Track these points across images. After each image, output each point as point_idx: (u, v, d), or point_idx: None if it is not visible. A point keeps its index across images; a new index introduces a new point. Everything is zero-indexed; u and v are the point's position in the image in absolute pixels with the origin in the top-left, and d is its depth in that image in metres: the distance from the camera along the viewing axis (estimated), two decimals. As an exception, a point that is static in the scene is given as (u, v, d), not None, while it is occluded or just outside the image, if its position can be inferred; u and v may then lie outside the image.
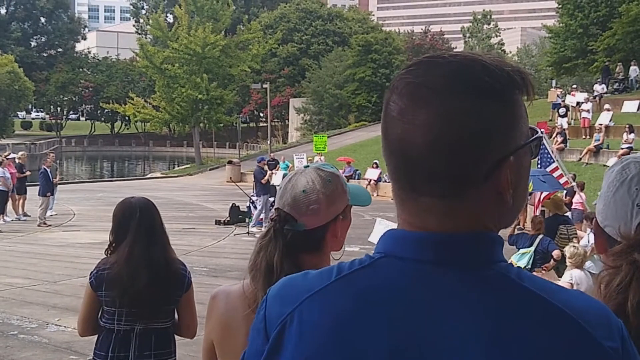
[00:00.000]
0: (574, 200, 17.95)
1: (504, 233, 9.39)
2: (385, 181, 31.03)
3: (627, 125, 26.49)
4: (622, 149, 25.87)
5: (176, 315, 4.20)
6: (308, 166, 2.27)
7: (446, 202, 1.16)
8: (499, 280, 1.14)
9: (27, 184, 22.82)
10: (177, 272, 4.09)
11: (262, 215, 20.69)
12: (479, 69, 1.16)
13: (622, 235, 1.50)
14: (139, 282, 3.95)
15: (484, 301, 1.12)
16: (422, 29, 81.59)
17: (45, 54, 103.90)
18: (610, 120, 29.80)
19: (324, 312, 1.17)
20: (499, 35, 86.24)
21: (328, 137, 47.60)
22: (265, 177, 20.73)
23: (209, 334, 2.30)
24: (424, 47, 75.10)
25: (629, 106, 33.42)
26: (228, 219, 21.52)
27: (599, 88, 36.32)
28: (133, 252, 4.01)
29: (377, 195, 29.62)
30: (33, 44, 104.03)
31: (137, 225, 4.04)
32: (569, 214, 12.14)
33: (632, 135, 26.03)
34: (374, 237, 9.93)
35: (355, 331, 1.14)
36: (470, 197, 1.17)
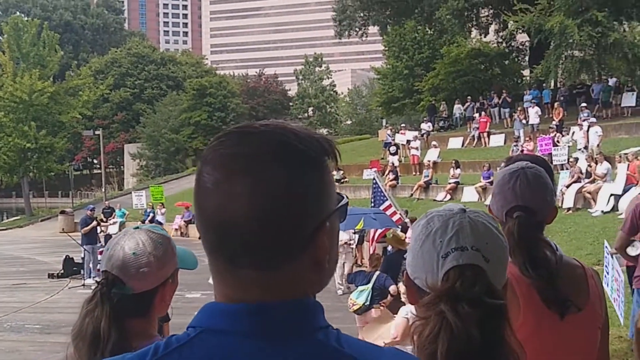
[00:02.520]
0: (407, 235, 18.69)
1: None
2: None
3: (454, 161, 27.91)
4: (449, 183, 27.23)
5: None
6: (138, 227, 2.21)
7: (263, 274, 1.16)
8: (321, 347, 1.15)
9: None
10: None
11: (98, 266, 20.15)
12: (292, 138, 1.18)
13: (430, 286, 1.54)
14: None
15: None
16: (256, 72, 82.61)
17: None
18: (437, 157, 31.36)
19: None
20: (331, 77, 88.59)
21: (165, 182, 47.23)
22: (87, 227, 20.14)
23: None
24: (258, 89, 76.04)
25: (454, 143, 35.24)
26: (62, 271, 20.76)
27: (425, 126, 38.01)
28: None
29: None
30: None
31: None
32: (408, 248, 12.72)
33: (458, 170, 27.45)
34: None
35: None
36: (287, 267, 1.17)
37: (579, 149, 23.93)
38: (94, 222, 20.61)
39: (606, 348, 2.46)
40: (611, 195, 18.40)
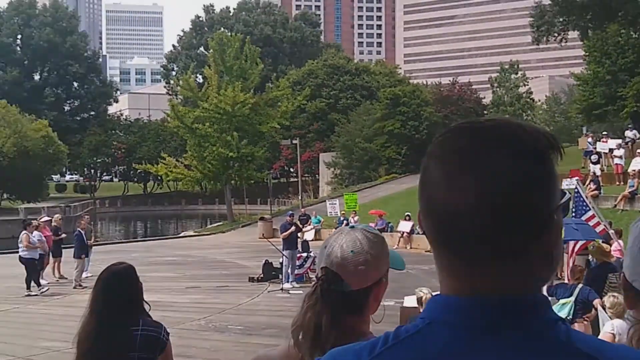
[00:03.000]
0: (612, 248, 17.70)
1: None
2: (418, 233, 30.85)
3: (660, 169, 26.24)
4: (655, 192, 25.60)
5: None
6: (354, 226, 2.25)
7: (494, 267, 1.16)
8: (553, 343, 1.14)
9: (62, 246, 23.02)
10: (147, 336, 4.19)
11: (297, 271, 20.70)
12: (519, 131, 1.18)
13: None
14: (90, 351, 4.14)
15: None
16: (449, 81, 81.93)
17: (78, 118, 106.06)
18: (642, 165, 29.54)
19: None
20: (527, 84, 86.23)
21: (359, 190, 47.81)
22: (286, 233, 20.69)
23: None
24: (452, 98, 75.27)
25: (663, 149, 33.10)
26: (261, 275, 21.49)
27: (630, 134, 36.07)
28: (90, 321, 4.21)
29: (410, 248, 29.48)
30: (66, 108, 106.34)
31: (99, 295, 4.24)
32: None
33: (664, 179, 25.76)
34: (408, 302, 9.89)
35: None
36: (518, 260, 1.17)
37: None
38: (293, 228, 21.15)
39: None
40: None
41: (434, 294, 7.42)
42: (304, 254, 21.48)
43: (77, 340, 4.25)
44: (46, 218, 23.69)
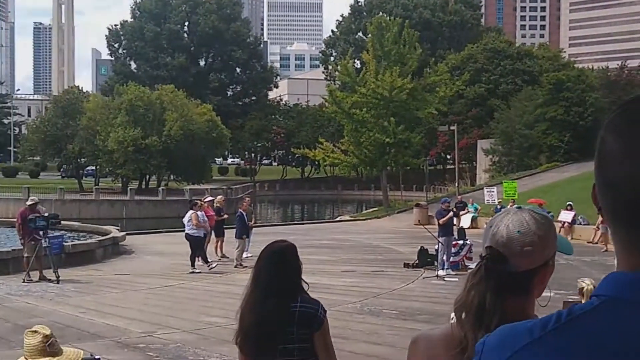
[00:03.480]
0: None
1: None
2: (580, 224, 29.73)
3: None
4: None
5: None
6: (521, 207, 2.20)
7: None
8: None
9: (225, 226, 23.88)
10: (303, 313, 4.27)
11: (452, 258, 20.46)
12: None
13: None
14: (251, 324, 4.28)
15: None
16: (617, 65, 78.09)
17: (240, 103, 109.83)
18: None
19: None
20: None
21: (518, 178, 46.57)
22: (445, 218, 20.40)
23: None
24: (620, 83, 71.76)
25: None
26: (417, 262, 21.40)
27: None
28: (249, 296, 4.36)
29: (572, 239, 28.41)
30: (229, 93, 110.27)
31: (259, 272, 4.37)
32: None
33: None
34: None
35: None
36: None
37: None
38: (451, 213, 20.90)
39: None
40: None
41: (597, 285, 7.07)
42: (460, 242, 21.19)
43: (239, 313, 4.41)
44: (209, 199, 24.61)
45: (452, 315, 6.25)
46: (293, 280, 4.41)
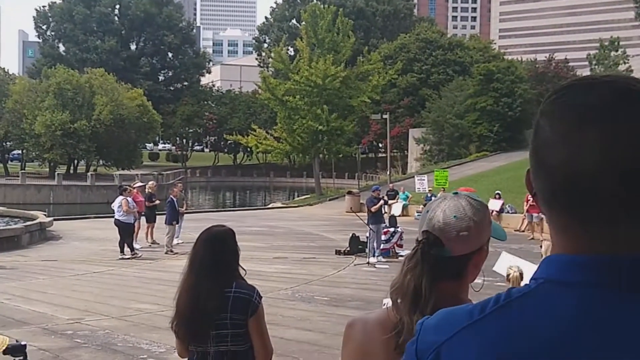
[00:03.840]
0: None
1: None
2: (508, 212, 30.35)
3: None
4: None
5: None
6: (457, 193, 2.23)
7: (617, 227, 1.11)
8: None
9: (156, 212, 23.61)
10: (238, 298, 4.25)
11: (383, 245, 20.64)
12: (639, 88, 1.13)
13: None
14: (186, 309, 4.26)
15: None
16: (545, 57, 79.86)
17: (172, 88, 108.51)
18: None
19: (479, 344, 1.14)
20: (627, 62, 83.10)
21: (448, 167, 47.27)
22: (376, 206, 20.55)
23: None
24: (548, 75, 73.43)
25: None
26: (348, 249, 21.54)
27: None
28: (186, 281, 4.34)
29: (500, 227, 28.96)
30: (161, 78, 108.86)
31: (195, 256, 4.35)
32: None
33: None
34: (498, 267, 9.75)
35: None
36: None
37: None
38: (381, 202, 21.05)
39: None
40: None
41: (523, 271, 7.12)
42: (391, 229, 21.40)
43: (175, 297, 4.37)
44: (139, 184, 24.30)
45: (386, 300, 6.32)
46: (230, 265, 4.38)
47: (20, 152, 77.31)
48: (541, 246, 10.62)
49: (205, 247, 4.33)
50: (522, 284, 8.64)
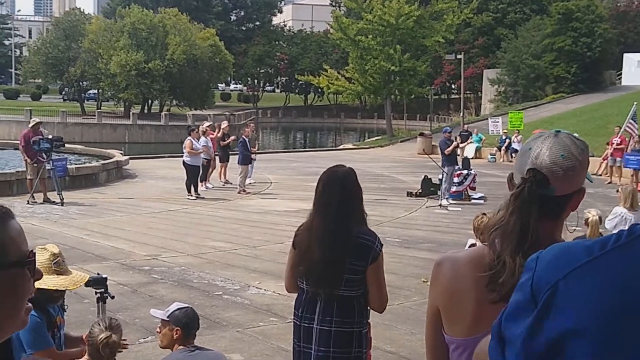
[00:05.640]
0: None
1: None
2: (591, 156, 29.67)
3: None
4: None
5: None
6: (559, 131, 2.15)
7: None
8: None
9: (229, 152, 23.82)
10: (361, 244, 4.14)
11: (453, 188, 20.45)
12: None
13: None
14: (313, 251, 4.14)
15: None
16: (627, -5, 76.77)
17: (243, 28, 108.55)
18: None
19: (601, 281, 1.12)
20: None
21: (523, 109, 46.29)
22: (450, 148, 20.26)
23: (433, 301, 2.26)
24: (629, 14, 70.67)
25: None
26: (420, 191, 21.41)
27: None
28: (313, 222, 4.22)
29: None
30: (232, 17, 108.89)
31: (322, 197, 4.24)
32: None
33: None
34: (609, 225, 9.49)
35: (628, 299, 1.09)
36: None
37: None
38: (455, 143, 20.77)
39: None
40: None
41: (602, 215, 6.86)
42: (464, 171, 21.14)
43: (296, 236, 4.34)
44: (207, 124, 24.41)
45: (471, 241, 6.24)
46: (358, 207, 4.27)
47: (96, 91, 78.76)
48: (618, 191, 10.29)
49: (332, 188, 4.22)
50: (601, 228, 8.38)
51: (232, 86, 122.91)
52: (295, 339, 4.35)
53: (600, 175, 26.31)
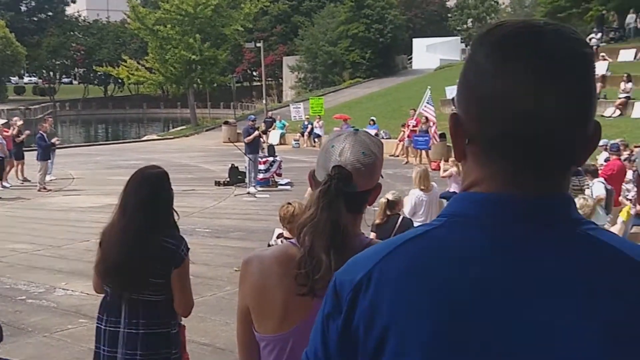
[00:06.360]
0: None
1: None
2: (382, 137, 31.01)
3: (625, 75, 26.40)
4: (619, 98, 25.84)
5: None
6: (357, 129, 2.28)
7: (536, 166, 1.15)
8: (582, 237, 1.14)
9: (24, 149, 22.75)
10: (165, 248, 4.10)
11: (260, 175, 20.75)
12: (568, 31, 1.15)
13: None
14: (115, 253, 4.08)
15: (572, 257, 1.11)
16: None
17: (35, 19, 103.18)
18: (607, 70, 29.70)
19: (399, 268, 1.16)
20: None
21: (323, 94, 47.55)
22: (250, 137, 20.54)
23: (243, 299, 2.27)
24: (416, 1, 74.43)
25: (626, 55, 33.30)
26: (227, 179, 21.54)
27: (595, 37, 36.09)
28: (118, 223, 4.13)
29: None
30: (23, 8, 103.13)
31: (129, 197, 4.13)
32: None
33: (629, 84, 25.99)
34: (406, 210, 9.85)
35: (423, 283, 1.13)
36: (566, 160, 1.17)
37: None
38: (257, 132, 21.05)
39: None
40: None
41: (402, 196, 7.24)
42: (270, 158, 21.50)
43: (102, 235, 4.23)
44: (2, 121, 23.22)
45: (278, 230, 6.43)
46: (166, 211, 4.20)
47: None
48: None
49: (141, 189, 4.12)
50: (401, 210, 8.82)
51: (26, 79, 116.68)
52: (98, 342, 4.25)
53: (398, 156, 27.62)
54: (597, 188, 10.88)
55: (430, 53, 61.18)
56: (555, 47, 1.11)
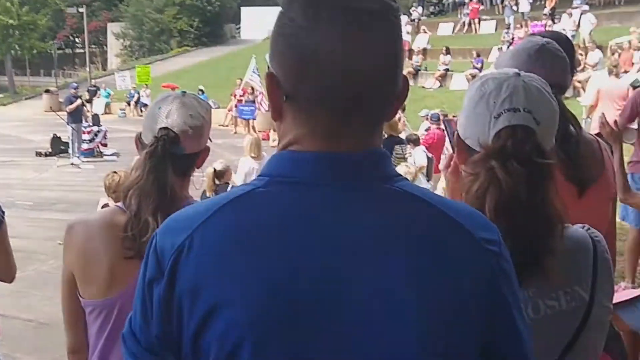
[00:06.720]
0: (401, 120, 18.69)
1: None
2: (211, 107, 30.87)
3: (444, 48, 27.64)
4: (439, 70, 27.05)
5: None
6: (185, 92, 2.27)
7: (351, 122, 1.16)
8: (399, 193, 1.17)
9: None
10: None
11: (84, 145, 20.17)
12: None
13: (481, 145, 1.59)
14: None
15: (391, 213, 1.14)
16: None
17: None
18: (427, 43, 30.96)
19: (220, 234, 1.14)
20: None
21: (150, 63, 46.51)
22: (72, 105, 19.91)
23: (68, 266, 2.22)
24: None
25: (445, 29, 34.80)
26: (50, 150, 20.76)
27: (416, 11, 37.44)
28: None
29: (204, 121, 29.34)
30: None
31: None
32: (402, 134, 12.63)
33: (448, 57, 27.22)
34: (238, 179, 9.85)
35: (247, 251, 1.12)
36: (378, 115, 1.19)
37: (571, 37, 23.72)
38: (79, 101, 20.41)
39: (614, 218, 2.56)
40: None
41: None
42: (95, 128, 20.90)
43: None
44: None
45: (103, 200, 6.33)
46: None
47: None
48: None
49: None
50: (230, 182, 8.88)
51: None
52: None
53: (227, 126, 27.59)
54: (418, 156, 11.42)
55: (258, 22, 61.20)
56: (364, 2, 1.12)
